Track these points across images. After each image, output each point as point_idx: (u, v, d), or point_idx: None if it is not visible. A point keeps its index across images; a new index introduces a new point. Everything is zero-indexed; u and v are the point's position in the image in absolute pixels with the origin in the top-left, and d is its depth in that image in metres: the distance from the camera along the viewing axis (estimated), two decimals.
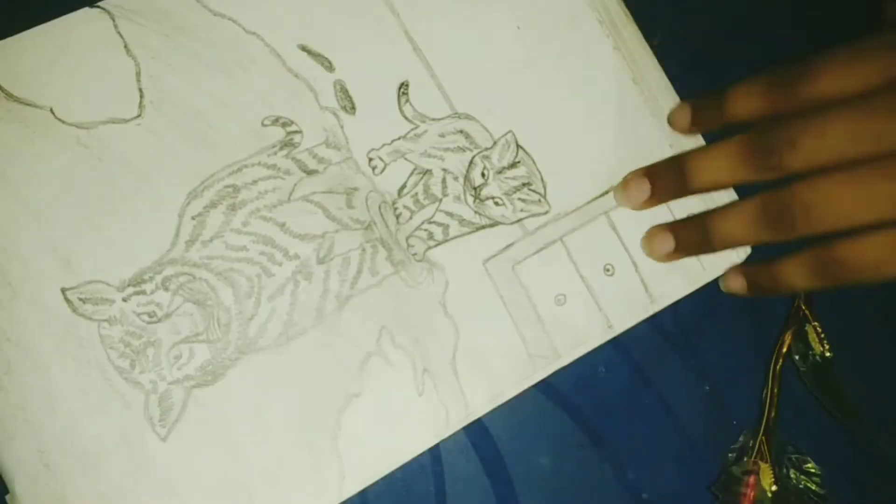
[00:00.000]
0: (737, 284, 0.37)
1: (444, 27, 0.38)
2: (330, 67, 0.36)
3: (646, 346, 0.38)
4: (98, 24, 0.34)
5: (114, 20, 0.34)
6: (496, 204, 0.37)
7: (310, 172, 0.35)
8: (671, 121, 0.39)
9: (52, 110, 0.34)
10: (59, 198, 0.33)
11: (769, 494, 0.35)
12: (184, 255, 0.34)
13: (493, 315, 0.36)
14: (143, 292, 0.33)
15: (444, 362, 0.35)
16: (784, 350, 0.37)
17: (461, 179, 0.37)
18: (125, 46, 0.34)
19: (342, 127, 0.36)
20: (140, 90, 0.34)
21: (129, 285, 0.33)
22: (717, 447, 0.37)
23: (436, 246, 0.36)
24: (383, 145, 0.36)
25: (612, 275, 0.37)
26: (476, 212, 0.37)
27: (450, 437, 0.35)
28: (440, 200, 0.37)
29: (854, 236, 0.31)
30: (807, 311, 0.38)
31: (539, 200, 0.37)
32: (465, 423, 0.35)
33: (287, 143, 0.35)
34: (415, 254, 0.36)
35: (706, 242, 0.36)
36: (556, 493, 0.36)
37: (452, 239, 0.36)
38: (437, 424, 0.35)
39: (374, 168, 0.36)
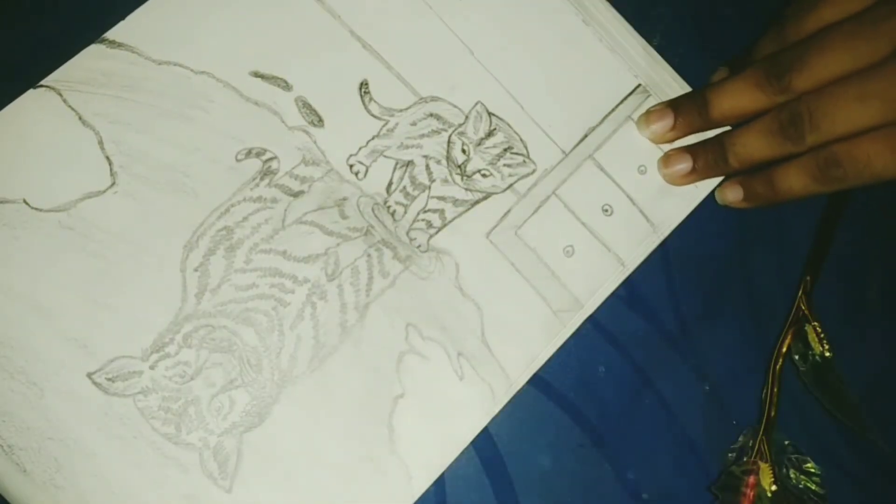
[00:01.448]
0: (733, 194, 0.38)
1: (387, 17, 0.37)
2: (287, 87, 0.36)
3: (646, 346, 0.39)
4: (47, 103, 0.34)
5: (61, 95, 0.34)
6: (484, 176, 0.37)
7: (296, 195, 0.35)
8: (643, 124, 0.39)
9: (25, 201, 0.33)
10: (58, 285, 0.33)
11: (769, 494, 0.36)
12: (197, 309, 0.33)
13: (510, 283, 0.36)
14: (167, 355, 0.33)
15: (475, 342, 0.35)
16: (784, 350, 0.38)
17: (444, 161, 0.37)
18: (80, 118, 0.34)
19: (315, 142, 0.36)
20: (107, 158, 0.34)
21: (152, 352, 0.33)
22: (717, 447, 0.38)
23: (437, 233, 0.36)
24: (360, 149, 0.36)
25: (610, 214, 0.38)
26: (466, 189, 0.37)
27: None
28: (429, 187, 0.37)
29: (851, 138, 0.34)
30: (807, 311, 0.38)
31: (524, 161, 0.37)
32: (511, 395, 0.35)
33: (266, 172, 0.35)
34: (419, 246, 0.36)
35: (723, 161, 0.37)
36: (556, 493, 0.36)
37: (451, 221, 0.37)
38: (485, 402, 0.35)
39: (356, 173, 0.36)
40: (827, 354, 0.38)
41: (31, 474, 0.31)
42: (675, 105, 0.38)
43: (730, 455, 0.38)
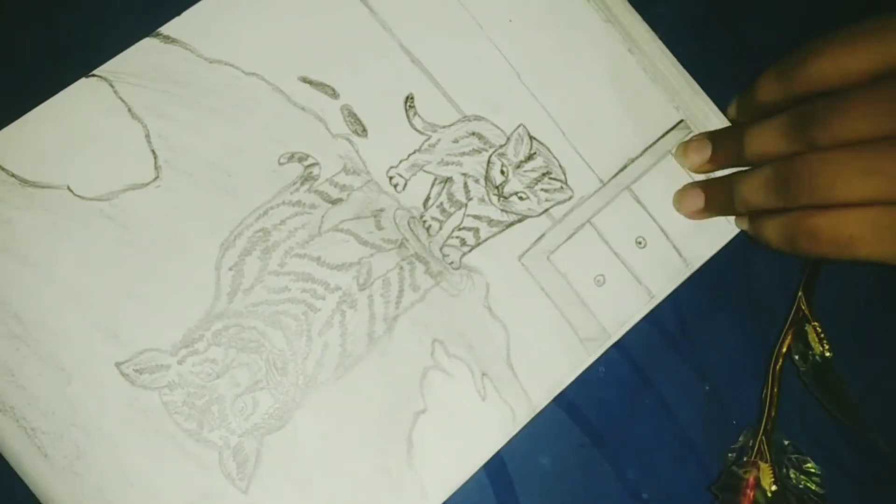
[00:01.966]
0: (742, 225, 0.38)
1: (437, 33, 0.38)
2: (334, 94, 0.36)
3: (646, 346, 0.38)
4: (98, 92, 0.34)
5: (112, 86, 0.34)
6: (520, 198, 0.37)
7: (334, 202, 0.35)
8: (681, 154, 0.39)
9: (69, 188, 0.33)
10: (94, 274, 0.33)
11: (769, 494, 0.35)
12: (228, 308, 0.33)
13: (539, 308, 0.36)
14: (196, 352, 0.33)
15: (500, 363, 0.35)
16: (784, 350, 0.37)
17: (482, 181, 0.37)
18: (129, 110, 0.34)
19: (357, 151, 0.36)
20: (153, 152, 0.34)
21: (181, 347, 0.33)
22: (717, 447, 0.38)
23: (470, 251, 0.36)
24: (401, 161, 0.36)
25: (644, 247, 0.38)
26: (502, 210, 0.37)
27: None
28: (466, 205, 0.37)
29: (836, 209, 0.32)
30: (807, 311, 0.38)
31: (561, 187, 0.38)
32: (531, 418, 0.35)
33: (307, 178, 0.35)
34: (451, 262, 0.36)
35: (730, 202, 0.36)
36: (556, 493, 0.36)
37: (484, 241, 0.37)
38: (505, 424, 0.35)
39: (395, 186, 0.36)
40: (827, 354, 0.37)
41: (51, 459, 0.31)
42: (713, 138, 0.38)
43: (730, 455, 0.37)
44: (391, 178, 0.36)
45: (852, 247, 0.31)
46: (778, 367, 0.37)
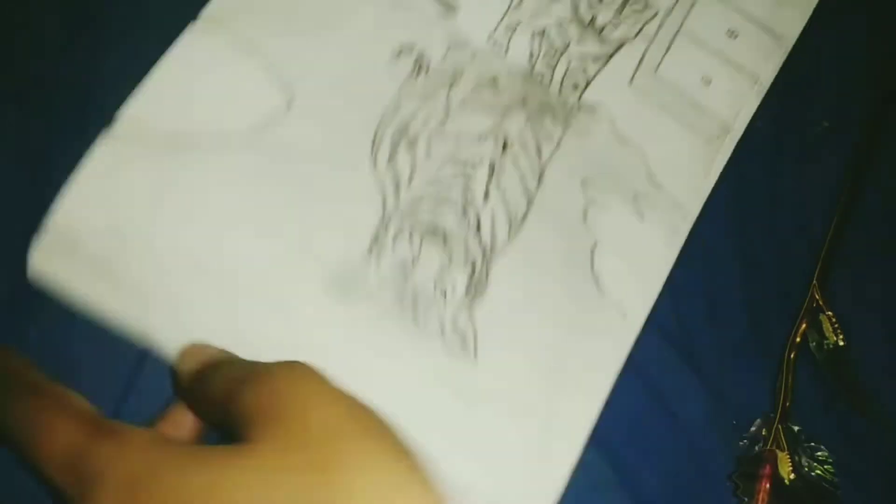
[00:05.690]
0: None
1: None
2: None
3: (646, 345, 0.37)
4: (212, 34, 0.34)
5: (225, 25, 0.34)
6: (614, 26, 0.38)
7: (452, 82, 0.36)
8: None
9: (210, 131, 0.33)
10: (269, 209, 0.33)
11: (787, 483, 0.36)
12: (398, 203, 0.35)
13: (660, 123, 0.38)
14: (387, 253, 0.34)
15: (645, 183, 0.37)
16: (798, 340, 0.38)
17: (575, 23, 0.38)
18: (247, 45, 0.34)
19: (457, 28, 0.37)
20: (280, 80, 0.34)
21: (371, 253, 0.34)
22: (717, 447, 0.38)
23: (585, 90, 0.38)
24: (496, 27, 0.37)
25: (736, 37, 0.39)
26: (601, 43, 0.38)
27: None
28: (566, 49, 0.38)
29: None
30: (821, 301, 0.38)
31: (646, 4, 0.39)
32: (691, 224, 0.37)
33: (419, 67, 0.36)
34: (571, 107, 0.37)
35: None
36: None
37: (594, 77, 0.38)
38: (670, 235, 0.37)
39: (499, 50, 0.37)
40: (840, 343, 0.38)
41: None
42: None
43: (741, 443, 0.37)
44: (493, 43, 0.37)
45: None
46: (792, 356, 0.38)
